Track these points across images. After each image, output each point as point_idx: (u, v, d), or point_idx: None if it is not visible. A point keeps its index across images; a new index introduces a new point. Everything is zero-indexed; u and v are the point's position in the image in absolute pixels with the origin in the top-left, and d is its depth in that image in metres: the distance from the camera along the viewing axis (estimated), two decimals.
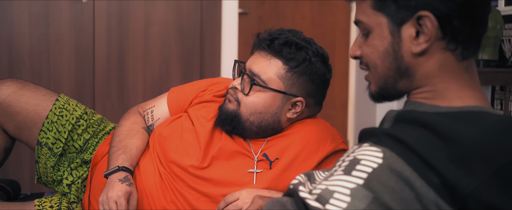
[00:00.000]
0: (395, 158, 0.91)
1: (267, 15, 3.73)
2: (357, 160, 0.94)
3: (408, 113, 1.01)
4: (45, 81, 2.97)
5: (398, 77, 1.02)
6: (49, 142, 1.70)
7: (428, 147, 0.91)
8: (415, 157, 0.90)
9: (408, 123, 0.98)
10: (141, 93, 3.14)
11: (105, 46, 3.06)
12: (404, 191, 0.88)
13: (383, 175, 0.90)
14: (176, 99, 1.72)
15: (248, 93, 1.51)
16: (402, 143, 0.93)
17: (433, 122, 0.95)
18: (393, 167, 0.90)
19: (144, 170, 1.58)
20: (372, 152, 0.94)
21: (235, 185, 1.49)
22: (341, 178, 0.93)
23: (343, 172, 0.94)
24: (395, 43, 0.99)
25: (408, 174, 0.89)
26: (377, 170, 0.90)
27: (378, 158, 0.92)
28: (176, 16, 3.15)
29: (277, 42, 1.50)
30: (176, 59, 3.17)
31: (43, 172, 1.76)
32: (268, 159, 1.52)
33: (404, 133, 0.95)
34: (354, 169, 0.93)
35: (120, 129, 1.67)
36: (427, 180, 0.88)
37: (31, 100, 1.72)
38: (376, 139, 0.97)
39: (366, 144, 0.97)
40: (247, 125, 1.53)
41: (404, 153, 0.91)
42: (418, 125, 0.96)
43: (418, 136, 0.93)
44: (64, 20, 2.98)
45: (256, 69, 1.51)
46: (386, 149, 0.93)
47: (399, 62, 1.00)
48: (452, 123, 0.94)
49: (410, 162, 0.90)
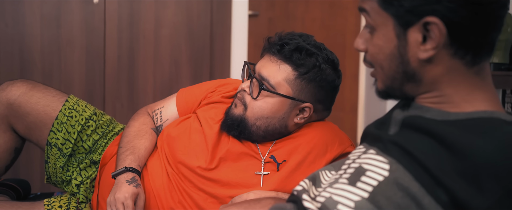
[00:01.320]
0: (402, 171, 0.88)
1: (277, 17, 3.73)
2: (363, 170, 0.91)
3: (416, 119, 0.97)
4: (56, 81, 2.99)
5: (405, 80, 0.97)
6: (58, 142, 1.72)
7: (437, 161, 0.87)
8: (423, 172, 0.87)
9: (416, 131, 0.94)
10: (151, 94, 3.15)
11: (115, 47, 3.08)
12: (410, 207, 0.86)
13: (389, 190, 0.87)
14: (185, 100, 1.73)
15: (256, 98, 1.51)
16: (410, 155, 0.89)
17: (443, 133, 0.90)
18: (400, 182, 0.87)
19: (152, 170, 1.58)
20: (379, 163, 0.91)
21: (242, 187, 1.49)
22: (345, 188, 0.90)
23: (348, 181, 0.91)
24: (401, 47, 0.94)
25: (415, 190, 0.86)
26: (383, 183, 0.88)
27: (385, 171, 0.89)
28: (186, 17, 3.16)
29: (287, 47, 1.49)
30: (186, 60, 3.18)
31: (52, 172, 1.77)
32: (276, 161, 1.52)
33: (412, 143, 0.91)
34: (359, 180, 0.90)
35: (128, 129, 1.68)
36: (435, 197, 0.85)
37: (41, 100, 1.73)
38: (383, 146, 0.94)
39: (372, 151, 0.95)
40: (254, 129, 1.52)
41: (411, 167, 0.88)
42: (426, 135, 0.92)
43: (427, 148, 0.89)
44: (75, 21, 3.00)
45: (265, 73, 1.51)
46: (393, 160, 0.90)
47: (406, 67, 0.95)
48: (462, 134, 0.90)
49: (418, 177, 0.87)
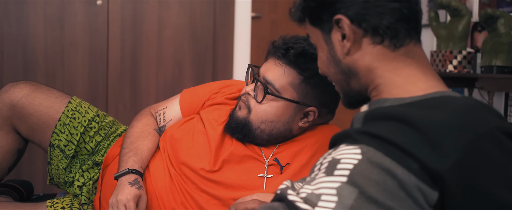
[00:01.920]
0: (373, 151, 0.94)
1: (280, 19, 3.73)
2: (336, 161, 0.97)
3: (375, 111, 1.05)
4: (59, 82, 3.00)
5: (347, 78, 1.11)
6: (61, 144, 1.72)
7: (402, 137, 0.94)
8: (392, 148, 0.93)
9: (378, 119, 1.02)
10: (154, 95, 3.16)
11: (118, 49, 3.09)
12: (386, 181, 0.91)
13: (364, 169, 0.92)
14: (188, 101, 1.73)
15: (261, 101, 1.51)
16: (377, 137, 0.96)
17: (402, 114, 0.99)
18: (373, 160, 0.93)
19: (155, 171, 1.58)
20: (350, 150, 0.97)
21: (245, 189, 1.49)
22: (324, 180, 0.95)
23: (325, 174, 0.96)
24: (331, 50, 1.10)
25: (388, 164, 0.92)
26: (358, 165, 0.93)
27: (357, 154, 0.95)
28: (189, 19, 3.16)
29: (292, 52, 1.48)
30: (189, 62, 3.19)
31: (55, 174, 1.78)
32: (279, 163, 1.52)
33: (377, 128, 0.98)
34: (335, 169, 0.95)
35: (131, 130, 1.68)
36: (407, 166, 0.91)
37: (44, 102, 1.73)
38: (351, 139, 1.00)
39: (342, 145, 1.00)
40: (258, 132, 1.52)
41: (380, 146, 0.94)
42: (388, 119, 1.00)
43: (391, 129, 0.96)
44: (79, 23, 3.01)
45: (270, 77, 1.50)
46: (363, 145, 0.96)
47: (340, 65, 1.09)
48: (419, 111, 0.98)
49: (388, 153, 0.93)
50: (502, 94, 2.87)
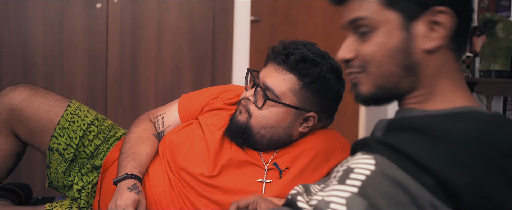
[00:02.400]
0: (388, 163, 0.91)
1: (279, 23, 3.74)
2: (350, 169, 0.94)
3: (399, 121, 1.02)
4: (58, 86, 3.00)
5: (404, 75, 1.00)
6: (60, 147, 1.72)
7: (420, 149, 0.91)
8: (407, 161, 0.90)
9: (399, 131, 0.98)
10: (152, 99, 3.16)
11: (118, 52, 3.09)
12: (398, 195, 0.88)
13: (376, 181, 0.90)
14: (187, 106, 1.73)
15: (261, 107, 1.50)
16: (394, 149, 0.93)
17: (424, 125, 0.95)
18: (386, 172, 0.90)
19: (154, 176, 1.58)
20: (365, 160, 0.94)
21: (244, 193, 1.49)
22: (335, 188, 0.93)
23: (337, 182, 0.94)
24: (407, 40, 0.98)
25: (401, 177, 0.89)
26: (370, 177, 0.90)
27: (371, 165, 0.92)
28: (188, 23, 3.17)
29: (293, 57, 1.48)
30: (188, 65, 3.19)
31: (54, 177, 1.78)
32: (278, 168, 1.52)
33: (395, 139, 0.95)
34: (347, 177, 0.93)
35: (130, 135, 1.68)
36: (421, 181, 0.88)
37: (43, 106, 1.73)
38: (369, 148, 0.97)
39: (359, 154, 0.98)
40: (258, 137, 1.52)
41: (396, 159, 0.91)
42: (409, 131, 0.96)
43: (410, 141, 0.93)
44: (78, 26, 3.01)
45: (270, 83, 1.50)
46: (378, 155, 0.93)
47: (409, 59, 0.99)
48: (442, 123, 0.95)
49: (403, 166, 0.90)
50: (500, 98, 2.88)
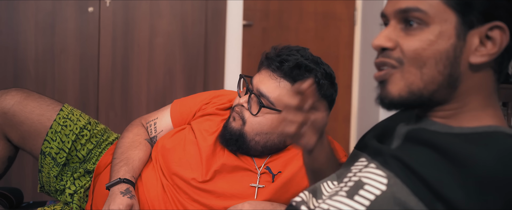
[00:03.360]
0: (400, 186, 0.87)
1: (271, 27, 3.75)
2: (361, 184, 0.90)
3: (419, 132, 0.96)
4: (50, 89, 2.99)
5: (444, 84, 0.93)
6: (52, 151, 1.71)
7: (437, 174, 0.86)
8: (421, 186, 0.85)
9: (418, 144, 0.93)
10: (144, 103, 3.16)
11: (110, 56, 3.08)
12: None
13: (385, 204, 0.86)
14: (179, 111, 1.73)
15: (256, 114, 1.50)
16: (409, 168, 0.87)
17: (445, 144, 0.89)
18: (397, 196, 0.86)
19: (147, 181, 1.58)
20: (377, 177, 0.90)
21: (237, 198, 1.50)
22: (343, 201, 0.89)
23: (346, 194, 0.90)
24: (458, 47, 0.92)
25: (413, 204, 0.85)
26: (379, 198, 0.86)
27: (383, 185, 0.88)
28: (180, 27, 3.17)
29: (287, 64, 1.48)
30: (180, 70, 3.19)
31: (46, 181, 1.77)
32: (271, 172, 1.53)
33: (412, 157, 0.89)
34: (357, 193, 0.89)
35: (122, 140, 1.68)
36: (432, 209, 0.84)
37: (36, 110, 1.73)
38: (383, 160, 0.92)
39: (373, 165, 0.94)
40: (252, 144, 1.52)
41: (410, 181, 0.86)
42: (428, 147, 0.91)
43: (427, 161, 0.88)
44: (70, 30, 3.00)
45: (264, 89, 1.50)
46: (392, 174, 0.88)
47: (454, 69, 0.92)
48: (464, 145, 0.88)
49: (416, 191, 0.85)
50: None
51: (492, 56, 0.91)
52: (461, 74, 0.92)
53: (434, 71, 0.92)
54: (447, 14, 0.91)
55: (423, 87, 0.93)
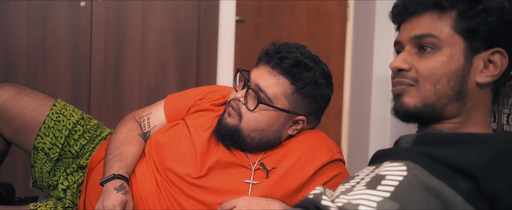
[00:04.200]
0: (420, 169, 0.94)
1: (263, 23, 3.75)
2: (381, 176, 0.95)
3: (429, 135, 1.06)
4: (41, 84, 2.97)
5: (454, 99, 1.07)
6: (45, 147, 1.71)
7: (457, 154, 0.94)
8: (441, 167, 0.93)
9: (430, 143, 1.02)
10: (137, 98, 3.15)
11: (102, 51, 3.07)
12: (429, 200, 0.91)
13: (409, 185, 0.92)
14: (173, 106, 1.72)
15: (253, 110, 1.50)
16: (426, 155, 0.96)
17: (459, 137, 1.00)
18: (419, 177, 0.92)
19: (140, 177, 1.58)
20: (396, 167, 0.96)
21: (232, 194, 1.50)
22: (365, 192, 0.94)
23: (365, 187, 0.95)
24: (466, 68, 1.06)
25: (434, 183, 0.92)
26: (403, 182, 0.92)
27: (403, 171, 0.94)
28: (173, 22, 3.16)
29: (286, 62, 1.49)
30: (173, 65, 3.18)
31: (38, 177, 1.76)
32: (265, 168, 1.53)
33: (428, 148, 0.98)
34: (379, 184, 0.94)
35: (116, 136, 1.67)
36: (455, 187, 0.91)
37: (28, 105, 1.72)
38: (397, 156, 0.99)
39: (387, 162, 0.99)
40: (248, 140, 1.53)
41: (428, 165, 0.94)
42: (442, 143, 1.00)
43: (444, 150, 0.97)
44: (62, 24, 2.98)
45: (262, 85, 1.50)
46: (409, 161, 0.95)
47: (463, 86, 1.06)
48: (477, 135, 1.01)
49: (435, 173, 0.93)
50: None
51: (495, 77, 1.06)
52: (468, 92, 1.06)
53: (446, 87, 1.06)
54: (456, 39, 1.05)
55: (437, 101, 1.07)
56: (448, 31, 1.06)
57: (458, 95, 1.06)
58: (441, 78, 1.06)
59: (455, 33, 1.06)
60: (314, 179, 1.52)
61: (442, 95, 1.06)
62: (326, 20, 3.90)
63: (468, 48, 1.05)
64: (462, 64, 1.05)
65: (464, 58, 1.05)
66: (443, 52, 1.06)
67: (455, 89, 1.06)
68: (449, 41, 1.06)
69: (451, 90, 1.06)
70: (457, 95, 1.06)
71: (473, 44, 1.05)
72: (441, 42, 1.06)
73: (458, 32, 1.06)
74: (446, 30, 1.06)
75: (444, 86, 1.06)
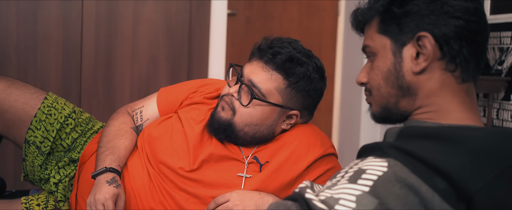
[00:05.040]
0: (400, 166, 0.95)
1: (255, 16, 3.74)
2: (362, 171, 0.97)
3: (412, 128, 1.06)
4: (32, 77, 2.95)
5: (400, 96, 1.08)
6: (37, 140, 1.70)
7: (435, 154, 0.94)
8: (420, 165, 0.94)
9: (413, 137, 1.02)
10: (128, 91, 3.14)
11: (93, 44, 3.05)
12: (408, 197, 0.91)
13: (388, 182, 0.93)
14: (166, 99, 1.72)
15: (247, 105, 1.50)
16: (407, 153, 0.96)
17: (439, 132, 1.00)
18: (398, 174, 0.93)
19: (133, 170, 1.58)
20: (377, 163, 0.97)
21: (225, 187, 1.50)
22: (346, 186, 0.95)
23: (348, 181, 0.96)
24: (397, 63, 1.07)
25: (413, 181, 0.92)
26: (382, 177, 0.94)
27: (383, 167, 0.95)
28: (165, 15, 3.15)
29: (280, 57, 1.49)
30: (164, 58, 3.17)
31: (30, 170, 1.76)
32: (259, 161, 1.53)
33: (409, 144, 0.98)
34: (359, 178, 0.95)
35: (108, 129, 1.67)
36: (432, 185, 0.92)
37: (20, 98, 1.71)
38: (381, 152, 1.00)
39: (371, 157, 1.00)
40: (241, 134, 1.53)
41: (409, 163, 0.95)
42: (423, 138, 1.00)
43: (424, 146, 0.97)
44: (52, 17, 2.96)
45: (256, 80, 1.50)
46: (391, 159, 0.96)
47: (401, 81, 1.07)
48: (457, 130, 1.00)
49: (415, 170, 0.94)
50: None
51: (428, 60, 1.04)
52: (410, 84, 1.07)
53: (388, 88, 1.09)
54: (383, 40, 1.08)
55: (387, 102, 1.10)
56: (375, 35, 1.10)
57: (401, 91, 1.08)
58: (380, 81, 1.10)
59: (380, 34, 1.09)
60: (307, 173, 1.52)
61: (388, 96, 1.10)
62: (318, 14, 3.90)
63: (394, 44, 1.07)
64: (392, 62, 1.07)
65: (393, 55, 1.07)
66: (378, 57, 1.10)
67: (395, 86, 1.08)
68: (379, 45, 1.09)
69: (392, 88, 1.08)
70: (400, 91, 1.08)
71: (397, 38, 1.06)
72: (374, 48, 1.10)
73: (381, 32, 1.08)
74: (373, 35, 1.10)
75: (386, 87, 1.09)
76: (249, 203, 1.42)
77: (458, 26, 1.02)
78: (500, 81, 2.73)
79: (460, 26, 1.02)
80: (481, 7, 1.07)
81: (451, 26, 1.02)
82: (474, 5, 1.04)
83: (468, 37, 1.03)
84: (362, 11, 1.14)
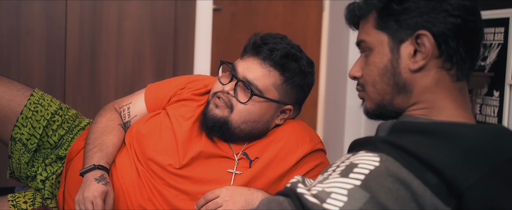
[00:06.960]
0: (392, 161, 0.95)
1: (240, 12, 3.74)
2: (354, 165, 0.98)
3: (404, 123, 1.07)
4: (15, 73, 2.92)
5: (395, 93, 1.08)
6: (23, 137, 1.68)
7: (427, 149, 0.95)
8: (412, 160, 0.95)
9: (405, 132, 1.03)
10: (113, 87, 3.11)
11: (77, 39, 3.02)
12: (399, 191, 0.93)
13: (379, 176, 0.94)
14: (154, 96, 1.71)
15: (246, 102, 1.51)
16: (399, 148, 0.97)
17: (432, 128, 1.00)
18: (390, 169, 0.94)
19: (121, 167, 1.57)
20: (369, 157, 0.98)
21: (214, 184, 1.50)
22: (337, 180, 0.96)
23: (339, 175, 0.97)
24: (394, 60, 1.07)
25: (404, 175, 0.93)
26: (374, 171, 0.94)
27: (375, 162, 0.96)
28: (150, 11, 3.13)
29: (277, 53, 1.50)
30: (149, 54, 3.15)
31: (16, 168, 1.74)
32: (248, 157, 1.54)
33: (401, 139, 0.99)
34: (351, 172, 0.96)
35: (96, 125, 1.66)
36: (424, 180, 0.93)
37: (5, 95, 1.69)
38: (373, 147, 1.01)
39: (362, 152, 1.01)
40: (237, 131, 1.53)
41: (401, 157, 0.96)
42: (415, 133, 1.01)
43: (416, 141, 0.98)
44: (36, 11, 2.93)
45: (252, 77, 1.51)
46: (383, 154, 0.97)
47: (397, 78, 1.07)
48: (450, 127, 1.01)
49: (407, 165, 0.94)
50: None
51: (426, 59, 1.04)
52: (407, 81, 1.07)
53: (383, 85, 1.09)
54: (380, 36, 1.08)
55: (382, 99, 1.10)
56: (372, 30, 1.09)
57: (397, 88, 1.08)
58: (376, 78, 1.09)
59: (377, 30, 1.08)
60: (296, 169, 1.53)
61: (383, 93, 1.09)
62: (302, 9, 3.91)
63: (392, 41, 1.06)
64: (389, 58, 1.07)
65: (390, 51, 1.07)
66: (374, 53, 1.09)
67: (390, 83, 1.08)
68: (376, 40, 1.08)
69: (388, 85, 1.08)
70: (396, 88, 1.08)
71: (395, 35, 1.06)
72: (371, 44, 1.10)
73: (379, 28, 1.08)
74: (370, 31, 1.10)
75: (381, 84, 1.09)
76: (239, 199, 1.42)
77: (456, 24, 1.03)
78: (483, 77, 2.76)
79: (458, 24, 1.03)
80: (477, 6, 1.07)
81: (449, 24, 1.02)
82: (472, 3, 1.05)
83: (466, 36, 1.04)
84: (358, 5, 1.13)
